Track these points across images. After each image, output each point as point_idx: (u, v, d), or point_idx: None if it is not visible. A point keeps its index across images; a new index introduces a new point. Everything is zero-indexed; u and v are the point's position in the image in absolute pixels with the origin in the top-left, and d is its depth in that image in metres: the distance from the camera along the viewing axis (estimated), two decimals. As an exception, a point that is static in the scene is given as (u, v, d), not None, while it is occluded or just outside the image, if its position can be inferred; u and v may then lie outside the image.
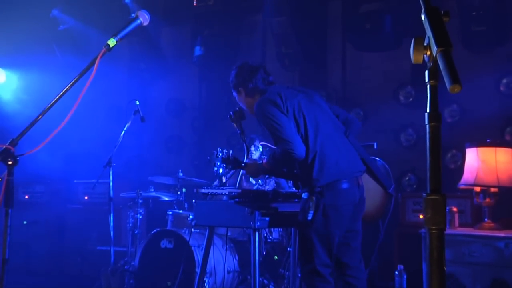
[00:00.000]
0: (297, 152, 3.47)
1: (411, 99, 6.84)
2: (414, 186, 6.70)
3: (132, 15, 2.60)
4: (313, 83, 7.63)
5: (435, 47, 1.24)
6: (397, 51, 6.93)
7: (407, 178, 6.74)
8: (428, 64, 1.31)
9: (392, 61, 7.02)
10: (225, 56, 8.10)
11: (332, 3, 7.60)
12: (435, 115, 1.28)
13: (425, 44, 1.33)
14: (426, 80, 1.30)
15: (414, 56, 1.34)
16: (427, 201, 1.27)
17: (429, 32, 1.28)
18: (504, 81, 6.28)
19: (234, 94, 4.00)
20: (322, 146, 3.54)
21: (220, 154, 3.90)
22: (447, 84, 1.18)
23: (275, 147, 5.05)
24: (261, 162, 3.84)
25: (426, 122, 1.29)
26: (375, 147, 5.60)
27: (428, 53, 1.31)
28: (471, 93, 6.07)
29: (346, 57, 7.49)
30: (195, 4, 8.05)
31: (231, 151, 3.96)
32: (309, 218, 3.45)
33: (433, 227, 1.27)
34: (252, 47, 8.06)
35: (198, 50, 7.98)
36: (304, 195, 3.58)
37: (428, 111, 1.29)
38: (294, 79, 7.66)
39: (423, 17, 1.32)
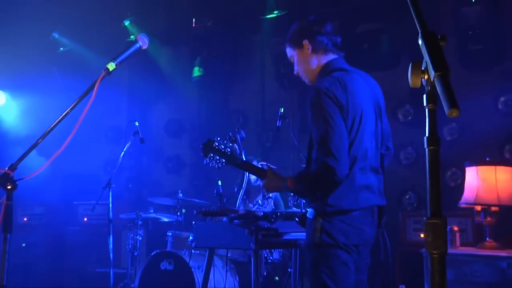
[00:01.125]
0: (340, 175, 2.81)
1: (410, 118, 6.86)
2: (415, 205, 6.67)
3: (132, 37, 2.62)
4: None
5: (433, 72, 1.25)
6: (395, 70, 6.96)
7: (407, 196, 6.72)
8: (426, 88, 1.32)
9: (390, 80, 7.03)
10: (224, 77, 8.15)
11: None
12: (434, 139, 1.28)
13: (423, 68, 1.33)
14: (425, 104, 1.31)
15: (412, 80, 1.35)
16: (427, 225, 1.27)
17: (426, 57, 1.29)
18: (502, 99, 6.30)
19: (292, 52, 3.23)
20: (355, 167, 2.93)
21: (218, 144, 3.34)
22: (446, 108, 1.19)
23: (274, 167, 4.97)
24: (285, 178, 3.14)
25: (425, 146, 1.30)
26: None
27: (426, 77, 1.32)
28: (469, 112, 6.08)
29: (344, 76, 7.51)
30: (194, 25, 8.11)
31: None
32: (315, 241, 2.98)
33: (434, 251, 1.27)
34: (250, 67, 8.11)
35: (197, 71, 8.03)
36: (309, 214, 3.06)
37: (427, 135, 1.30)
38: (293, 99, 7.69)
39: (420, 42, 1.33)
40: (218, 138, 3.36)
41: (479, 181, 4.88)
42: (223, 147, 3.33)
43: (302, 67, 3.19)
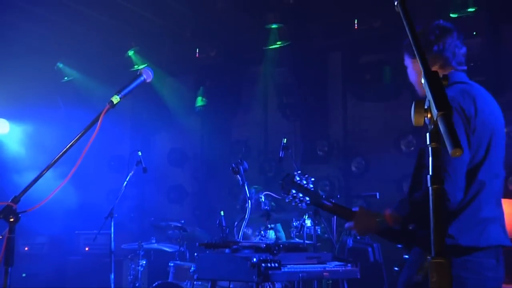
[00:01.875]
0: (454, 201, 2.38)
1: (412, 148, 6.87)
2: (418, 236, 6.62)
3: (136, 67, 2.64)
4: (315, 133, 7.68)
5: (436, 111, 1.26)
6: (397, 101, 7.00)
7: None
8: (429, 127, 1.33)
9: (392, 110, 7.08)
10: (227, 107, 8.20)
11: (332, 54, 7.73)
12: (437, 178, 1.29)
13: (426, 107, 1.35)
14: (428, 142, 1.32)
15: (415, 119, 1.36)
16: (431, 265, 1.26)
17: (429, 96, 1.31)
18: (505, 130, 6.29)
19: (406, 61, 2.87)
20: (482, 195, 2.50)
21: (300, 178, 2.84)
22: (449, 148, 1.19)
23: (278, 197, 4.91)
24: (381, 214, 2.66)
25: (429, 185, 1.30)
26: (378, 197, 5.59)
27: (429, 116, 1.33)
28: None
29: (346, 107, 7.56)
30: (197, 55, 8.20)
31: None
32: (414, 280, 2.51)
33: (439, 291, 1.26)
34: (253, 97, 8.16)
35: (200, 101, 8.08)
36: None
37: (430, 173, 1.30)
38: (296, 129, 7.72)
39: (423, 81, 1.34)
40: (299, 172, 2.88)
41: (483, 213, 4.84)
42: (305, 182, 2.85)
43: (413, 79, 2.83)
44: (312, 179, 2.86)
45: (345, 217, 2.81)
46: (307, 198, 2.80)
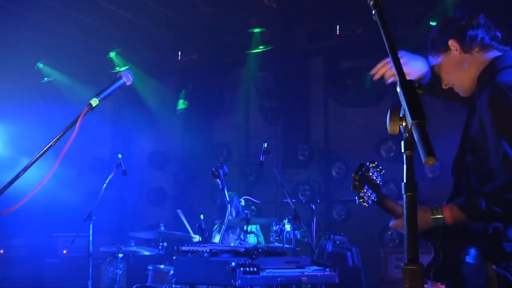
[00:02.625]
0: None
1: (392, 154, 6.93)
2: (397, 241, 6.68)
3: (117, 69, 2.63)
4: (296, 137, 7.71)
5: (410, 120, 1.28)
6: (378, 106, 7.06)
7: (389, 233, 6.73)
8: (404, 135, 1.34)
9: (373, 116, 7.14)
10: (209, 110, 8.20)
11: (314, 59, 7.77)
12: (411, 186, 1.30)
13: (401, 115, 1.36)
14: (402, 150, 1.33)
15: (390, 127, 1.38)
16: (405, 272, 1.28)
17: (404, 105, 1.32)
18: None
19: (437, 61, 2.53)
20: None
21: (373, 172, 2.45)
22: (422, 157, 1.21)
23: (258, 202, 4.95)
24: (438, 208, 2.32)
25: (403, 192, 1.31)
26: (357, 201, 5.62)
27: (404, 124, 1.35)
28: (451, 149, 6.14)
29: (328, 111, 7.61)
30: (179, 58, 8.18)
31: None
32: None
33: (412, 298, 1.27)
34: (235, 101, 8.16)
35: (181, 103, 8.06)
36: (470, 258, 2.29)
37: (404, 181, 1.32)
38: (277, 133, 7.74)
39: (398, 90, 1.36)
40: (375, 163, 2.49)
41: (460, 219, 4.90)
42: (375, 177, 2.48)
43: (453, 76, 2.49)
44: (383, 171, 2.48)
45: (396, 214, 2.51)
46: (375, 195, 2.46)
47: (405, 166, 1.32)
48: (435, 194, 6.38)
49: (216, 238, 5.65)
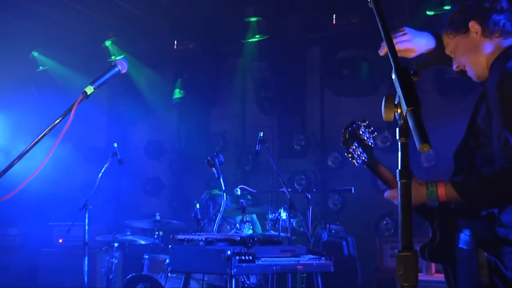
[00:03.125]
0: None
1: (388, 144, 6.94)
2: (392, 230, 6.71)
3: (113, 58, 2.61)
4: (292, 127, 7.72)
5: (405, 107, 1.27)
6: (374, 96, 7.06)
7: (384, 222, 6.76)
8: (399, 122, 1.34)
9: (369, 106, 7.12)
10: (205, 99, 8.18)
11: (310, 49, 7.76)
12: (406, 173, 1.30)
13: (396, 102, 1.36)
14: (397, 137, 1.33)
15: (385, 114, 1.37)
16: (399, 258, 1.28)
17: (399, 91, 1.32)
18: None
19: (453, 41, 2.45)
20: None
21: (364, 131, 2.44)
22: (417, 144, 1.21)
23: (254, 191, 4.97)
24: (432, 183, 2.30)
25: (398, 179, 1.32)
26: (353, 191, 5.64)
27: (399, 111, 1.35)
28: (447, 139, 6.15)
29: (324, 101, 7.60)
30: (175, 47, 8.14)
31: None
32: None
33: (405, 284, 1.28)
34: (231, 90, 8.14)
35: (177, 93, 8.04)
36: (464, 243, 2.29)
37: (399, 168, 1.32)
38: (273, 123, 7.73)
39: (393, 76, 1.36)
40: (367, 123, 2.47)
41: (455, 209, 4.92)
42: (367, 137, 2.45)
43: (469, 58, 2.40)
44: (375, 134, 2.46)
45: (390, 184, 2.45)
46: (365, 155, 2.44)
47: (400, 153, 1.32)
48: (431, 184, 6.42)
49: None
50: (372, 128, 2.43)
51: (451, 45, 2.46)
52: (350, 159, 2.44)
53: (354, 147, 2.42)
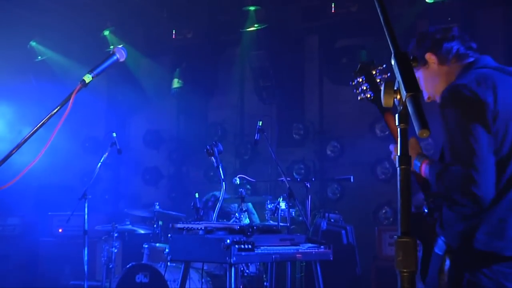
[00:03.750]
0: (483, 196, 2.14)
1: (387, 132, 6.87)
2: (391, 219, 6.73)
3: (111, 48, 2.60)
4: (291, 116, 7.71)
5: (405, 92, 1.27)
6: (373, 85, 7.04)
7: (383, 211, 6.78)
8: (398, 108, 1.34)
9: (368, 95, 7.13)
10: (203, 89, 8.17)
11: (309, 37, 7.73)
12: (405, 159, 1.30)
13: (395, 88, 1.36)
14: (397, 123, 1.33)
15: (385, 100, 1.37)
16: (398, 244, 1.28)
17: (398, 77, 1.31)
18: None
19: (417, 73, 2.58)
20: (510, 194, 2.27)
21: (376, 73, 2.59)
22: (416, 129, 1.21)
23: (253, 180, 4.98)
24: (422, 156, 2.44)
25: (397, 165, 1.31)
26: (352, 180, 5.65)
27: (398, 97, 1.34)
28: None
29: (323, 90, 7.59)
30: (174, 36, 8.11)
31: None
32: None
33: (404, 270, 1.28)
34: (230, 80, 8.13)
35: (176, 82, 8.02)
36: (438, 248, 2.37)
37: (398, 154, 1.31)
38: (272, 112, 7.73)
39: (392, 62, 1.35)
40: (384, 66, 2.60)
41: (454, 197, 4.93)
42: (379, 80, 2.59)
43: (431, 85, 2.57)
44: (388, 74, 2.55)
45: (394, 135, 2.53)
46: (372, 93, 2.60)
47: (399, 140, 1.32)
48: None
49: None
50: (388, 74, 2.54)
51: (422, 71, 2.59)
52: (352, 88, 2.62)
53: (362, 80, 2.57)
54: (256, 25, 7.39)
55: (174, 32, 8.07)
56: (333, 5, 6.98)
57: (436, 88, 2.54)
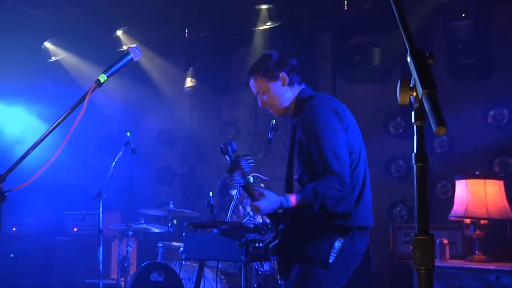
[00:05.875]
0: (345, 191, 2.90)
1: (401, 130, 6.89)
2: (405, 217, 6.69)
3: (124, 47, 2.61)
4: (304, 114, 7.68)
5: (421, 89, 1.26)
6: (386, 83, 7.02)
7: (398, 209, 6.74)
8: (414, 105, 1.33)
9: (381, 92, 7.09)
10: (216, 88, 8.17)
11: (322, 35, 7.71)
12: (422, 156, 1.29)
13: (411, 85, 1.35)
14: (413, 120, 1.32)
15: (401, 97, 1.36)
16: (415, 242, 1.28)
17: (414, 74, 1.31)
18: (492, 113, 6.36)
19: (264, 85, 3.21)
20: (365, 185, 3.08)
21: (243, 163, 3.13)
22: (433, 126, 1.20)
23: (266, 179, 4.98)
24: (283, 197, 2.97)
25: (414, 163, 1.31)
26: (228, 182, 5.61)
27: (414, 94, 1.33)
28: (460, 125, 6.13)
29: (336, 88, 7.56)
30: (186, 35, 8.13)
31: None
32: (330, 261, 2.92)
33: (422, 267, 1.28)
34: (243, 78, 8.11)
35: (189, 81, 8.04)
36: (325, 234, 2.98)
37: (415, 151, 1.31)
38: (285, 110, 7.70)
39: (408, 59, 1.34)
40: (248, 157, 3.17)
41: (469, 194, 4.90)
42: (245, 167, 3.14)
43: (276, 100, 3.20)
44: (252, 164, 3.12)
45: (253, 198, 2.99)
46: (242, 181, 3.07)
47: (415, 137, 1.31)
48: (444, 169, 6.39)
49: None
50: (251, 161, 3.12)
51: (264, 88, 3.18)
52: (230, 182, 3.35)
53: (235, 176, 3.07)
54: (268, 24, 7.38)
55: (186, 31, 8.08)
56: (345, 3, 6.95)
57: (278, 103, 3.27)
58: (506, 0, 6.49)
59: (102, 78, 2.48)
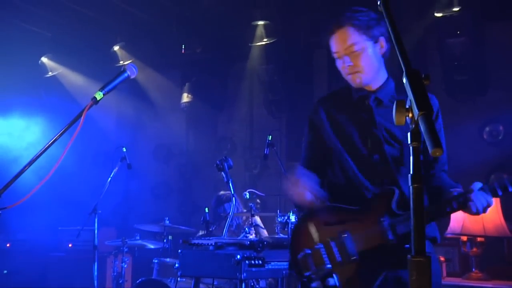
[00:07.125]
0: None
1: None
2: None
3: (121, 63, 2.62)
4: (300, 129, 7.68)
5: (416, 111, 1.27)
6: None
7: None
8: (410, 126, 1.33)
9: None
10: (213, 103, 8.19)
11: (317, 51, 7.74)
12: (418, 177, 1.29)
13: (407, 106, 1.35)
14: (409, 142, 1.32)
15: (397, 118, 1.36)
16: (411, 263, 1.27)
17: (410, 95, 1.31)
18: (487, 129, 6.38)
19: (363, 44, 2.58)
20: None
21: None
22: (429, 148, 1.20)
23: (262, 195, 4.98)
24: None
25: (410, 184, 1.31)
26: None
27: (410, 115, 1.34)
28: (455, 141, 6.14)
29: (332, 104, 7.57)
30: (183, 51, 8.16)
31: None
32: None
33: (419, 289, 1.27)
34: (239, 94, 8.15)
35: (185, 97, 8.05)
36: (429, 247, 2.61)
37: (411, 172, 1.31)
38: (281, 125, 7.73)
39: (404, 80, 1.35)
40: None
41: (465, 211, 4.89)
42: None
43: (371, 67, 2.59)
44: None
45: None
46: None
47: (411, 158, 1.31)
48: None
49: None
50: None
51: (363, 47, 2.57)
52: None
53: None
54: (265, 39, 7.42)
55: (183, 47, 8.12)
56: (341, 19, 6.98)
57: (373, 71, 2.64)
58: (500, 17, 6.54)
59: (99, 95, 2.48)
